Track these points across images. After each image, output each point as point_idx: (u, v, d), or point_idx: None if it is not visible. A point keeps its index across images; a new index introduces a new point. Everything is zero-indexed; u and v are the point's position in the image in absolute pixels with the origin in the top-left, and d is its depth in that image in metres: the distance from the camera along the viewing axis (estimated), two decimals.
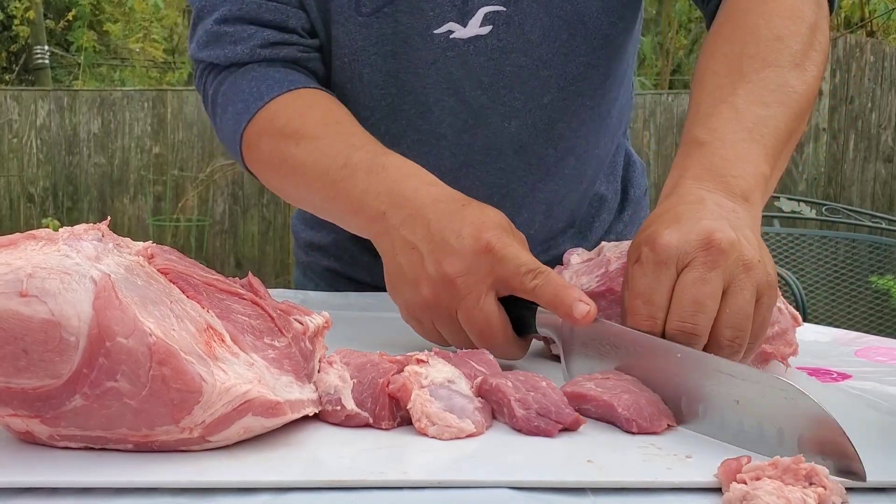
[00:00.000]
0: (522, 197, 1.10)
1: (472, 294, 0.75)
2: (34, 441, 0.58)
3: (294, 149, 0.94)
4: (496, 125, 1.04)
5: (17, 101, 5.62)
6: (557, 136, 1.08)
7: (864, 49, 5.33)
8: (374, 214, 0.84)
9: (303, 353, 0.65)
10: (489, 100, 1.03)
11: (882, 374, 0.83)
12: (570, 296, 0.70)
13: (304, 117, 0.96)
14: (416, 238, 0.79)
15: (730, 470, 0.54)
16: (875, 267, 3.31)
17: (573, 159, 1.11)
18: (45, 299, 0.54)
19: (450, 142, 1.05)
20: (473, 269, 0.75)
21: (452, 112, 1.03)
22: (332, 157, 0.90)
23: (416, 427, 0.62)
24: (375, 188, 0.84)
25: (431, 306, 0.78)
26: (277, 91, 0.98)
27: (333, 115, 0.97)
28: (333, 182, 0.89)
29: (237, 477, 0.54)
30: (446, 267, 0.76)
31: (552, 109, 1.05)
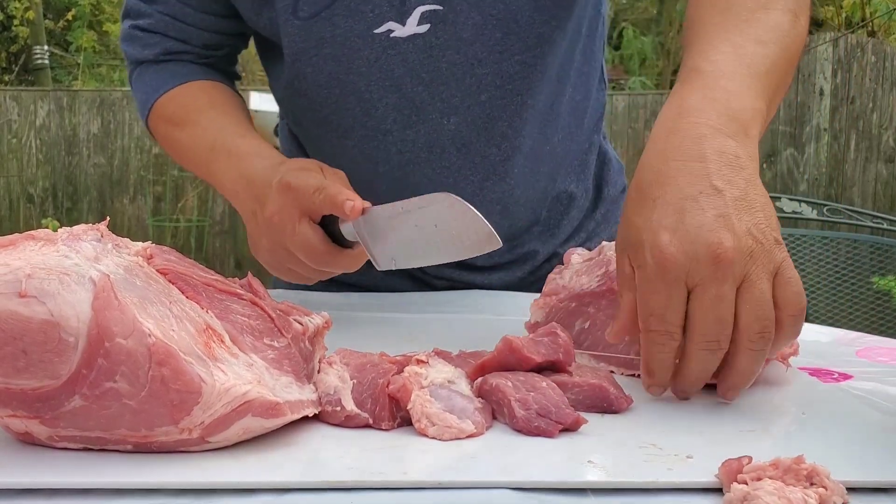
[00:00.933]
0: (472, 196, 1.10)
1: (287, 225, 0.89)
2: (33, 442, 0.58)
3: (178, 133, 1.11)
4: (436, 121, 1.07)
5: (17, 102, 5.62)
6: (499, 135, 1.09)
7: (865, 49, 5.33)
8: (231, 194, 1.01)
9: (303, 353, 0.65)
10: (429, 96, 1.05)
11: (883, 374, 0.83)
12: (340, 198, 0.84)
13: (187, 106, 1.12)
14: (253, 203, 0.95)
15: (731, 470, 0.54)
16: (876, 267, 3.31)
17: (521, 158, 1.12)
18: (44, 300, 0.54)
19: (395, 137, 1.08)
20: (282, 206, 0.89)
21: (395, 108, 1.06)
22: (203, 142, 1.06)
23: (416, 427, 0.62)
24: (230, 170, 1.00)
25: (273, 250, 0.93)
26: (171, 84, 1.13)
27: (213, 101, 1.11)
28: (204, 164, 1.06)
29: (237, 478, 0.54)
30: (265, 212, 0.91)
31: (490, 107, 1.07)
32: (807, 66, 5.36)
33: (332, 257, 0.89)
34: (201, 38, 1.15)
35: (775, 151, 5.41)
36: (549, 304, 0.84)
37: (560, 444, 0.61)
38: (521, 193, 1.15)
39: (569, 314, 0.82)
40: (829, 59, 5.34)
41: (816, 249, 3.34)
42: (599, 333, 0.79)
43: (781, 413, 0.70)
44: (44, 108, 5.61)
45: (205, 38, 1.15)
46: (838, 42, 5.33)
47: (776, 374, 0.78)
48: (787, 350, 0.76)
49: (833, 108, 5.34)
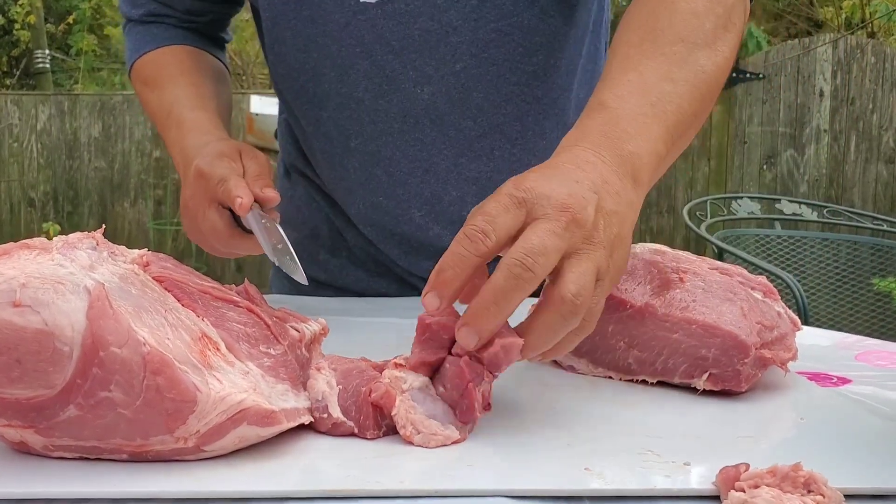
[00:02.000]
0: (446, 172, 1.09)
1: (198, 211, 0.95)
2: (28, 451, 0.57)
3: (150, 95, 1.15)
4: (409, 91, 1.05)
5: (18, 106, 5.63)
6: (475, 107, 1.07)
7: (865, 50, 5.33)
8: (176, 163, 1.05)
9: (299, 360, 0.65)
10: (400, 65, 1.04)
11: (882, 378, 0.83)
12: (232, 195, 0.90)
13: (160, 70, 1.15)
14: (183, 182, 1.00)
15: (728, 478, 0.54)
16: (877, 269, 3.30)
17: (503, 140, 1.09)
18: (38, 309, 0.53)
19: (368, 107, 1.07)
20: (195, 192, 0.95)
21: (367, 76, 1.05)
22: (163, 108, 1.10)
23: (402, 434, 0.61)
24: (176, 140, 1.05)
25: (189, 228, 1.01)
26: (151, 46, 1.17)
27: (182, 68, 1.14)
28: (163, 129, 1.11)
29: (233, 487, 0.54)
30: (184, 194, 0.98)
31: (465, 77, 1.05)
32: (807, 68, 5.36)
33: (235, 241, 0.96)
34: (184, 3, 1.18)
35: (775, 153, 5.41)
36: None
37: (557, 451, 0.61)
38: (500, 179, 1.10)
39: None
40: (829, 61, 5.34)
41: (817, 251, 3.34)
42: (598, 339, 0.79)
43: (780, 418, 0.70)
44: (45, 112, 5.62)
45: (187, 4, 1.18)
46: (838, 43, 5.33)
47: (774, 379, 0.78)
48: (786, 355, 0.76)
49: (833, 109, 5.34)
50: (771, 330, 0.76)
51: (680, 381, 0.75)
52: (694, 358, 0.74)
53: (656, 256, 0.84)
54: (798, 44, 5.61)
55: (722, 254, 3.08)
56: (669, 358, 0.75)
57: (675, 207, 5.52)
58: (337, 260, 1.21)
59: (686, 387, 0.75)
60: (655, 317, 0.76)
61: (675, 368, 0.75)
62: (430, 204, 1.11)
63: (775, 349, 0.76)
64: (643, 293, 0.79)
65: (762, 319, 0.76)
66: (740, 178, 5.47)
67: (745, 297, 0.78)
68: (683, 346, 0.74)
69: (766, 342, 0.75)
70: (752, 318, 0.76)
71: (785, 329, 0.78)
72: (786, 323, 0.79)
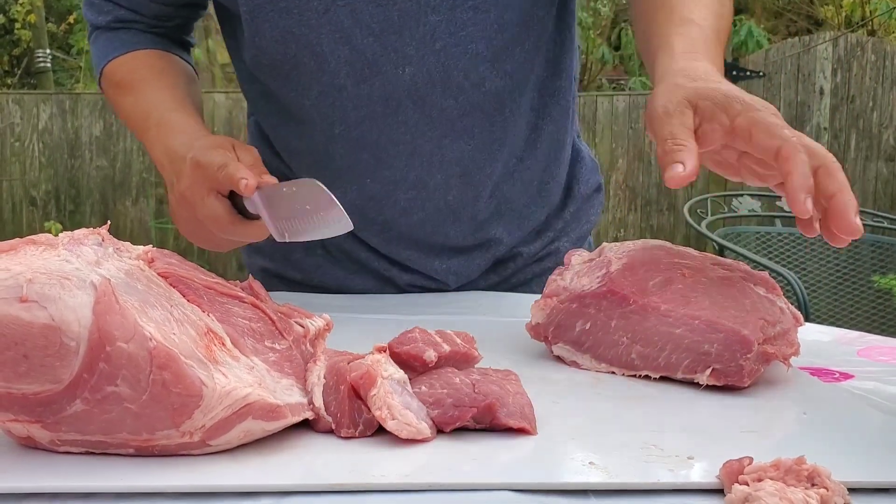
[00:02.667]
0: (430, 155, 1.10)
1: (197, 199, 0.95)
2: (35, 446, 0.58)
3: (123, 100, 1.16)
4: (391, 73, 1.06)
5: (20, 105, 5.63)
6: (456, 86, 1.08)
7: (865, 48, 5.33)
8: (159, 165, 1.05)
9: (304, 355, 0.65)
10: (381, 48, 1.05)
11: (884, 373, 0.83)
12: (236, 176, 0.90)
13: (133, 74, 1.16)
14: (172, 176, 1.01)
15: (732, 471, 0.54)
16: (877, 266, 3.31)
17: (482, 117, 1.10)
18: (45, 304, 0.54)
19: (350, 93, 1.07)
20: (193, 182, 0.95)
21: (348, 62, 1.06)
22: (141, 111, 1.11)
23: (377, 416, 0.60)
24: (159, 142, 1.05)
25: (186, 220, 0.99)
26: (120, 52, 1.17)
27: (156, 72, 1.15)
28: (141, 132, 1.10)
29: (238, 481, 0.54)
30: (180, 187, 0.98)
31: (445, 56, 1.06)
32: (807, 66, 5.36)
33: (236, 227, 0.96)
34: (150, 9, 1.18)
35: None
36: (549, 306, 0.84)
37: (561, 445, 0.61)
38: (484, 161, 1.13)
39: (570, 315, 0.82)
40: (829, 59, 5.34)
41: (817, 249, 3.34)
42: (601, 334, 0.80)
43: (782, 413, 0.70)
44: (46, 111, 5.62)
45: (154, 10, 1.19)
46: (838, 41, 5.33)
47: (777, 374, 0.78)
48: (788, 350, 0.76)
49: (833, 107, 5.34)
50: (773, 325, 0.77)
51: (683, 377, 0.75)
52: (697, 353, 0.74)
53: (658, 253, 0.84)
54: (798, 42, 5.61)
55: (723, 251, 3.08)
56: (672, 353, 0.75)
57: (676, 205, 5.52)
58: (312, 259, 1.22)
59: (689, 382, 0.75)
60: (658, 312, 0.77)
61: (678, 364, 0.75)
62: (416, 188, 1.13)
63: (778, 344, 0.76)
64: (646, 289, 0.79)
65: (764, 315, 0.76)
66: None
67: (747, 293, 0.78)
68: (686, 342, 0.75)
69: (768, 337, 0.75)
70: (754, 314, 0.76)
71: (787, 324, 0.78)
72: (788, 318, 0.79)
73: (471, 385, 0.64)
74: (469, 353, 0.69)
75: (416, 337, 0.68)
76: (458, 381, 0.65)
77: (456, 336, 0.70)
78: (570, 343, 0.82)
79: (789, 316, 0.79)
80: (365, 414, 0.61)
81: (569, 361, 0.82)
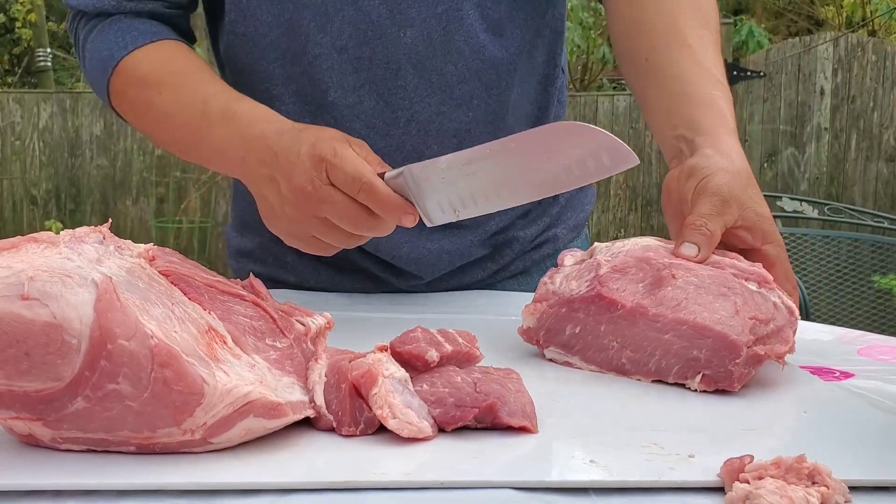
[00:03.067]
0: (428, 123, 1.09)
1: (322, 195, 0.85)
2: (37, 444, 0.58)
3: (157, 97, 1.02)
4: (393, 35, 1.05)
5: (20, 104, 5.63)
6: (456, 51, 1.07)
7: (865, 48, 5.33)
8: (235, 160, 0.95)
9: (305, 354, 0.65)
10: (387, 9, 1.04)
11: (885, 372, 0.83)
12: (397, 209, 0.84)
13: (164, 68, 1.04)
14: (271, 170, 0.90)
15: (732, 469, 0.54)
16: (877, 266, 3.30)
17: (480, 87, 1.10)
18: (46, 302, 0.54)
19: (351, 55, 1.06)
20: (314, 176, 0.86)
21: (352, 23, 1.04)
22: (191, 106, 0.99)
23: (378, 415, 0.60)
24: (232, 135, 0.95)
25: (298, 220, 0.89)
26: (141, 42, 1.05)
27: (192, 64, 1.05)
28: (194, 131, 0.99)
29: (240, 479, 0.54)
30: (294, 181, 0.87)
31: (447, 20, 1.06)
32: (807, 66, 5.36)
33: (372, 222, 0.87)
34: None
35: (776, 151, 5.41)
36: (539, 310, 0.83)
37: (562, 444, 0.61)
38: (480, 133, 1.11)
39: (559, 319, 0.81)
40: (830, 59, 5.34)
41: (817, 248, 3.34)
42: (591, 339, 0.79)
43: (783, 412, 0.70)
44: (47, 110, 5.62)
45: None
46: (839, 41, 5.33)
47: (777, 373, 0.78)
48: (782, 348, 0.75)
49: (834, 107, 5.34)
50: (766, 323, 0.76)
51: (674, 382, 0.75)
52: (686, 359, 0.74)
53: (648, 253, 0.83)
54: (799, 42, 5.61)
55: None
56: (662, 359, 0.75)
57: None
58: (305, 262, 1.19)
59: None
60: (646, 317, 0.76)
61: (668, 369, 0.75)
62: (411, 158, 1.07)
63: (771, 343, 0.75)
64: (634, 292, 0.78)
65: (756, 314, 0.76)
66: None
67: (739, 291, 0.77)
68: (675, 347, 0.74)
69: (760, 337, 0.74)
70: (745, 314, 0.75)
71: (781, 321, 0.77)
72: (782, 314, 0.78)
73: (472, 384, 0.64)
74: (471, 352, 0.69)
75: (417, 336, 0.68)
76: (460, 379, 0.65)
77: (458, 335, 0.70)
78: (560, 346, 0.82)
79: (784, 311, 0.78)
80: (366, 412, 0.61)
81: (560, 362, 0.82)
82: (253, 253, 1.24)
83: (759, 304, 0.77)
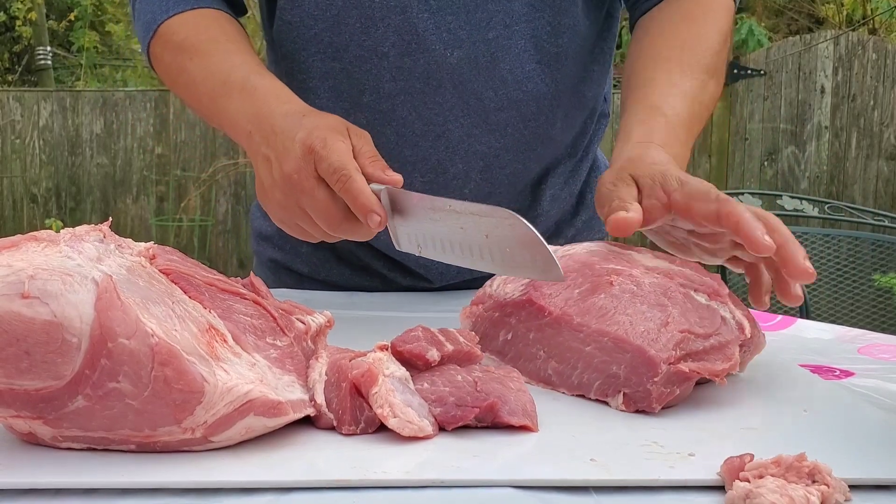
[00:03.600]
0: (458, 142, 1.09)
1: (305, 185, 0.85)
2: (37, 442, 0.58)
3: (188, 63, 1.02)
4: (438, 52, 1.04)
5: (20, 102, 5.63)
6: (499, 79, 1.07)
7: (866, 47, 5.32)
8: (243, 133, 0.94)
9: (305, 352, 0.65)
10: (434, 24, 1.03)
11: (885, 371, 0.83)
12: (364, 207, 0.81)
13: (199, 35, 1.04)
14: (270, 150, 0.89)
15: (733, 468, 0.54)
16: (878, 265, 3.30)
17: (517, 116, 1.09)
18: (47, 301, 0.54)
19: (391, 63, 1.05)
20: (302, 167, 0.85)
21: (397, 31, 1.03)
22: (215, 75, 0.99)
23: (378, 414, 0.60)
24: (245, 109, 0.94)
25: (284, 206, 0.89)
26: (182, 7, 1.05)
27: (227, 34, 1.04)
28: (214, 98, 0.99)
29: (240, 477, 0.54)
30: (284, 167, 0.87)
31: (495, 46, 1.05)
32: (808, 64, 5.36)
33: (348, 224, 0.86)
34: None
35: (776, 149, 5.41)
36: (475, 314, 0.81)
37: (562, 442, 0.61)
38: (508, 158, 1.11)
39: (493, 324, 0.78)
40: (830, 57, 5.33)
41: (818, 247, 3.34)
42: (521, 346, 0.75)
43: (783, 410, 0.70)
44: (47, 108, 5.62)
45: None
46: (839, 40, 5.33)
47: (778, 372, 0.78)
48: (722, 366, 0.69)
49: (834, 105, 5.34)
50: (705, 338, 0.70)
51: (596, 399, 0.70)
52: (606, 375, 0.69)
53: (593, 258, 0.78)
54: (799, 40, 5.60)
55: None
56: (584, 372, 0.70)
57: None
58: (320, 253, 1.20)
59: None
60: (571, 326, 0.71)
61: (589, 384, 0.70)
62: (435, 172, 1.10)
63: (709, 359, 0.69)
64: (567, 298, 0.74)
65: (691, 327, 0.70)
66: (741, 174, 5.47)
67: (679, 302, 0.72)
68: (596, 361, 0.70)
69: (690, 352, 0.69)
70: (675, 327, 0.69)
71: (727, 337, 0.71)
72: (730, 330, 0.72)
73: (473, 383, 0.64)
74: (472, 351, 0.69)
75: (419, 335, 0.68)
76: (461, 378, 0.65)
77: (459, 335, 0.70)
78: (495, 353, 0.78)
79: (733, 327, 0.73)
80: (366, 411, 0.61)
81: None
82: (272, 238, 1.24)
83: (702, 318, 0.71)
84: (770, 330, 0.98)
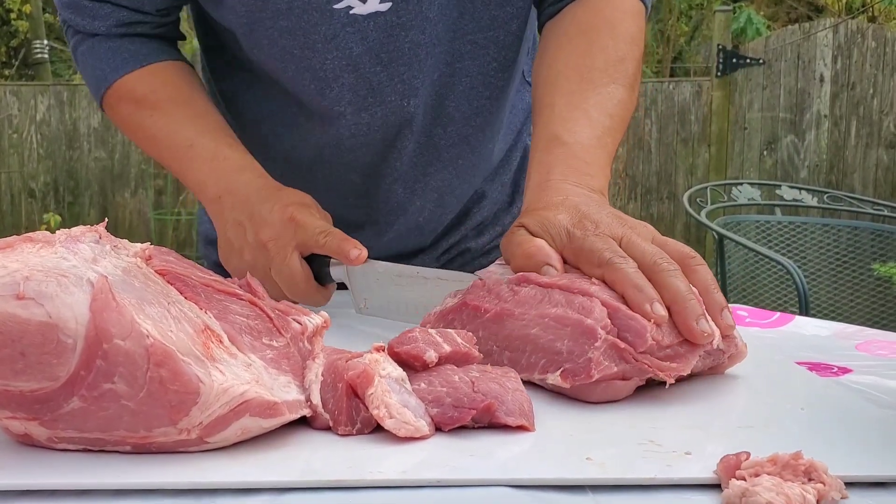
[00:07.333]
0: (414, 181, 1.11)
1: (279, 254, 0.91)
2: (33, 443, 0.58)
3: (148, 120, 1.06)
4: (395, 104, 1.05)
5: (17, 97, 5.62)
6: (447, 117, 1.08)
7: (865, 35, 5.32)
8: (212, 197, 1.00)
9: (301, 353, 0.65)
10: (387, 77, 1.03)
11: (883, 367, 0.83)
12: (347, 245, 0.88)
13: (157, 93, 1.06)
14: (242, 216, 0.95)
15: (729, 466, 0.54)
16: (877, 254, 3.31)
17: (468, 149, 1.12)
18: (42, 302, 0.54)
19: (349, 120, 1.06)
20: (280, 235, 0.92)
21: (351, 89, 1.03)
22: (180, 137, 1.03)
23: (374, 416, 0.60)
24: (215, 176, 1.00)
25: (252, 267, 0.94)
26: (132, 66, 1.07)
27: (184, 93, 1.07)
28: (180, 160, 1.03)
29: (236, 478, 0.54)
30: (261, 235, 0.93)
31: (441, 86, 1.06)
32: (807, 53, 5.35)
33: (309, 294, 0.93)
34: (154, 3, 1.06)
35: (775, 138, 5.41)
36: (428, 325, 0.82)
37: (558, 440, 0.61)
38: (458, 186, 1.15)
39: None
40: (830, 45, 5.33)
41: (817, 237, 3.34)
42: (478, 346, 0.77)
43: (780, 408, 0.70)
44: (44, 102, 5.62)
45: (157, 3, 1.07)
46: (838, 28, 5.32)
47: (775, 370, 0.78)
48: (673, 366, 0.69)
49: (833, 94, 5.33)
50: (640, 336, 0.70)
51: (539, 379, 0.71)
52: (551, 353, 0.70)
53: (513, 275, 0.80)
54: (798, 29, 5.60)
55: (722, 240, 3.08)
56: (532, 354, 0.72)
57: (676, 194, 5.52)
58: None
59: (686, 377, 0.75)
60: (512, 316, 0.73)
61: (535, 364, 0.71)
62: (396, 213, 1.14)
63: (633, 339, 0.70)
64: (498, 294, 0.77)
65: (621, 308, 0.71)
66: (741, 164, 5.48)
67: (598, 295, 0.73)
68: (542, 341, 0.71)
69: (622, 328, 0.70)
70: (603, 314, 0.70)
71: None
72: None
73: (470, 383, 0.64)
74: (469, 352, 0.69)
75: (416, 336, 0.68)
76: (458, 378, 0.65)
77: (456, 335, 0.70)
78: None
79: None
80: (363, 412, 0.61)
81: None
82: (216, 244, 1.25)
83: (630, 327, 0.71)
84: (768, 327, 0.98)
